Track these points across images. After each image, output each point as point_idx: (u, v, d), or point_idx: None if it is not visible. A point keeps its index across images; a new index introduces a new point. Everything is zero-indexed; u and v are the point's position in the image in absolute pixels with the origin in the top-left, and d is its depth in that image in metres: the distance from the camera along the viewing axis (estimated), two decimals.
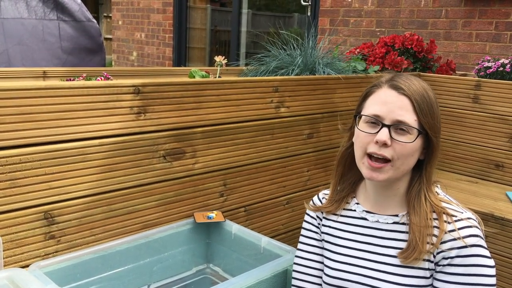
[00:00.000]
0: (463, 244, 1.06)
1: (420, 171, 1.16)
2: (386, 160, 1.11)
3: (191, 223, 1.70)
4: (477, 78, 2.49)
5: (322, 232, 1.29)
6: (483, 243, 1.08)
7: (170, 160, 1.64)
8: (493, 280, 1.06)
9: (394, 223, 1.17)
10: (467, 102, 2.46)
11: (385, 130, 1.10)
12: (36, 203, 1.36)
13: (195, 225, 1.70)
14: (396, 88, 1.12)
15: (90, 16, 3.46)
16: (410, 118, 1.10)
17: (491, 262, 1.07)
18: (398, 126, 1.10)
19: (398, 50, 2.78)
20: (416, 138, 1.10)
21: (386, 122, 1.11)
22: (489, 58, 2.68)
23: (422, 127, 1.11)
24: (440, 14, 3.58)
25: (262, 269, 1.38)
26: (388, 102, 1.12)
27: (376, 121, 1.12)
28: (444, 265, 1.08)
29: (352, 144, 1.21)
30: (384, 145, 1.10)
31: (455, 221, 1.10)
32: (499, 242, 1.96)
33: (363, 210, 1.23)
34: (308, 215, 1.34)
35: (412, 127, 1.10)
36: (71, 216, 1.43)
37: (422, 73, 2.69)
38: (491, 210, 2.00)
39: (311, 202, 1.34)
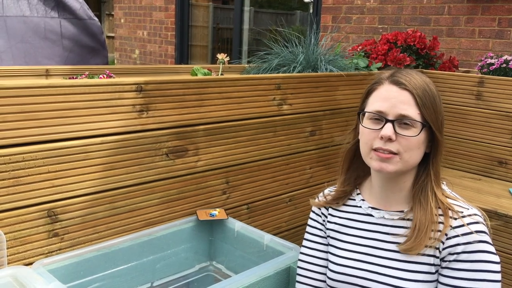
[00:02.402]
0: (469, 240, 1.06)
1: (426, 165, 1.16)
2: (394, 153, 1.11)
3: (194, 220, 1.70)
4: (480, 75, 2.48)
5: (327, 229, 1.29)
6: (489, 239, 1.08)
7: (173, 158, 1.64)
8: (498, 276, 1.06)
9: (399, 219, 1.17)
10: (470, 99, 2.45)
11: (389, 126, 1.11)
12: (39, 201, 1.36)
13: (197, 223, 1.71)
14: (397, 83, 1.13)
15: (91, 14, 3.45)
16: (413, 112, 1.11)
17: (497, 258, 1.07)
18: (402, 121, 1.11)
19: (401, 47, 2.77)
20: (420, 132, 1.11)
21: (390, 118, 1.11)
22: (492, 54, 2.67)
23: (425, 121, 1.11)
24: (443, 11, 3.56)
25: (265, 267, 1.38)
26: (390, 97, 1.12)
27: (380, 117, 1.13)
28: (450, 261, 1.08)
29: (357, 142, 1.21)
30: (389, 140, 1.10)
31: (461, 217, 1.10)
32: (502, 238, 1.96)
33: (369, 207, 1.23)
34: (314, 212, 1.34)
35: (415, 120, 1.10)
36: (74, 214, 1.44)
37: (424, 70, 2.68)
38: (494, 207, 2.00)
39: (316, 199, 1.35)
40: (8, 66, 2.22)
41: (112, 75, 2.00)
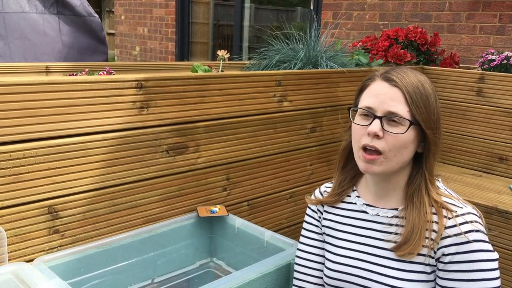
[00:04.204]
0: (464, 240, 1.05)
1: (420, 164, 1.15)
2: (378, 152, 1.11)
3: (195, 217, 1.70)
4: (481, 71, 2.47)
5: (323, 226, 1.29)
6: (484, 237, 1.07)
7: (173, 154, 1.64)
8: (496, 274, 1.05)
9: (394, 216, 1.17)
10: (471, 95, 2.44)
11: (376, 122, 1.10)
12: (40, 198, 1.36)
13: (198, 219, 1.71)
14: (388, 80, 1.13)
15: (91, 10, 3.45)
16: (402, 109, 1.10)
17: (494, 255, 1.06)
18: (390, 118, 1.10)
19: (402, 43, 2.77)
20: (407, 129, 1.09)
21: (378, 114, 1.11)
22: (493, 51, 2.66)
23: (414, 119, 1.10)
24: (444, 7, 3.56)
25: (265, 263, 1.38)
26: (380, 93, 1.12)
27: (369, 113, 1.13)
28: (445, 263, 1.07)
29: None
30: (377, 136, 1.10)
31: (455, 216, 1.09)
32: (503, 235, 1.96)
33: (364, 203, 1.23)
34: (310, 208, 1.34)
35: (404, 118, 1.10)
36: (75, 211, 1.44)
37: (425, 66, 2.68)
38: (495, 204, 2.00)
39: (312, 196, 1.35)
40: (7, 63, 2.22)
41: (112, 71, 2.00)
